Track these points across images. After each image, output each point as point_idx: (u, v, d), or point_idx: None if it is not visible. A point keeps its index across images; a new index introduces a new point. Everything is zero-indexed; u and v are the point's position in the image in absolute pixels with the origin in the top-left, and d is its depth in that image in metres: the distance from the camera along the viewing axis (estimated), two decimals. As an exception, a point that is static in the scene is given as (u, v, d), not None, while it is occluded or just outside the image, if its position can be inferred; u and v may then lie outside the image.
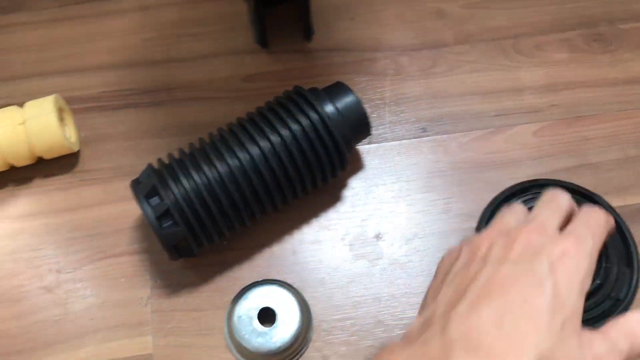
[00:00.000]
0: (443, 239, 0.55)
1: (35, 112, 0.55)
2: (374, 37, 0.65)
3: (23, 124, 0.54)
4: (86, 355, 0.52)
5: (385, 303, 0.53)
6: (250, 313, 0.51)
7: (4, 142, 0.54)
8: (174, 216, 0.48)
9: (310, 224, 0.56)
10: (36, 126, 0.54)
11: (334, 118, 0.51)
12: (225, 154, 0.49)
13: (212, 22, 0.66)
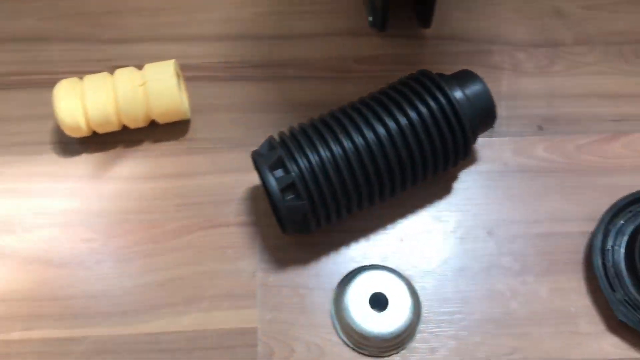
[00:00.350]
0: (558, 240, 0.53)
1: (155, 75, 0.54)
2: (490, 30, 0.63)
3: (143, 85, 0.54)
4: (189, 322, 0.51)
5: (495, 301, 0.51)
6: (362, 297, 0.50)
7: (122, 101, 0.54)
8: (299, 190, 0.47)
9: (420, 213, 0.55)
10: (156, 89, 0.54)
11: (463, 104, 0.50)
12: (352, 131, 0.48)
13: (325, 1, 0.65)
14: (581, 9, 0.64)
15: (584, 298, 0.52)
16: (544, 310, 0.51)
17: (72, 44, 0.64)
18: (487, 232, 0.54)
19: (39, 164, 0.58)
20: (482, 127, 0.53)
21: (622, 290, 0.50)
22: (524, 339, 0.50)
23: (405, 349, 0.50)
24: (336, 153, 0.48)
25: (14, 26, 0.65)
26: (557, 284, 0.52)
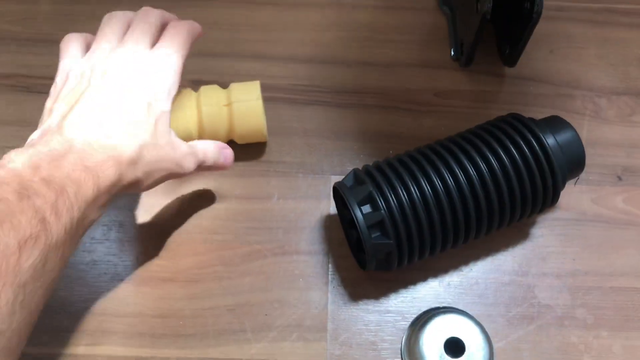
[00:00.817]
0: (634, 296, 0.53)
1: (241, 96, 0.54)
2: (572, 74, 0.63)
3: (229, 105, 0.54)
4: (257, 350, 0.51)
5: (568, 355, 0.51)
6: (437, 340, 0.49)
7: (207, 120, 0.53)
8: (387, 228, 0.46)
9: (496, 256, 0.55)
10: (241, 110, 0.54)
11: (555, 151, 0.49)
12: (444, 171, 0.48)
13: (408, 31, 0.65)
14: (666, 59, 0.64)
15: (660, 358, 0.51)
16: (618, 367, 0.50)
17: (148, 53, 0.63)
18: (562, 282, 0.53)
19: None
20: (571, 174, 0.52)
21: (702, 355, 0.49)
22: (596, 395, 0.50)
23: (476, 396, 0.49)
24: (427, 192, 0.47)
25: (93, 29, 0.64)
26: (632, 340, 0.51)
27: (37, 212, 0.36)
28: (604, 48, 0.64)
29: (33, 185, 0.37)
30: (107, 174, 0.41)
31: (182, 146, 0.46)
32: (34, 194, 0.37)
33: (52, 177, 0.38)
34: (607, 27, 0.65)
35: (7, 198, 0.36)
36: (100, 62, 0.45)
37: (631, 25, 0.66)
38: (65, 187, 0.38)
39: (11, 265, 0.34)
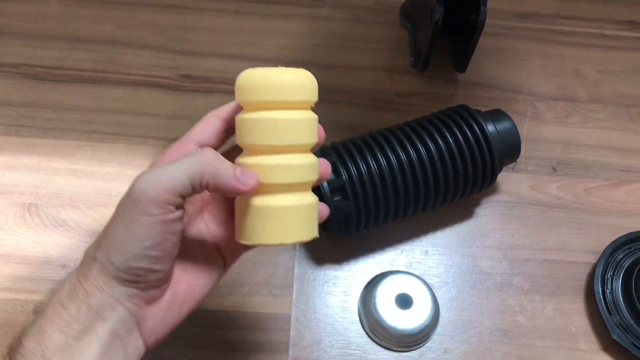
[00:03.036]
0: (564, 267, 0.60)
1: None
2: (516, 81, 0.72)
3: None
4: (231, 303, 0.57)
5: (505, 315, 0.58)
6: (389, 295, 0.56)
7: None
8: (347, 192, 0.54)
9: (444, 231, 0.62)
10: None
11: (494, 137, 0.57)
12: (398, 148, 0.56)
13: (374, 41, 0.74)
14: (597, 72, 0.73)
15: (584, 319, 0.58)
16: (548, 326, 0.57)
17: (145, 51, 0.71)
18: (502, 253, 0.61)
19: (108, 150, 0.64)
20: (508, 159, 0.60)
21: (618, 315, 0.56)
22: (528, 349, 0.56)
23: (423, 346, 0.56)
24: (382, 165, 0.55)
25: (94, 29, 0.72)
26: (561, 305, 0.59)
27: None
28: (545, 61, 0.74)
29: None
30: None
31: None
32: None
33: None
34: (548, 44, 0.75)
35: None
36: None
37: (568, 43, 0.76)
38: None
39: None
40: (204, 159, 0.37)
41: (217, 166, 0.37)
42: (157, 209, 0.36)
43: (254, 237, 0.39)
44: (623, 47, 0.76)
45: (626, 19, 0.78)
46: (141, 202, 0.36)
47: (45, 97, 0.67)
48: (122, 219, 0.36)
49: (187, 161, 0.37)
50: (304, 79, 0.40)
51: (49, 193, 0.61)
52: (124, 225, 0.36)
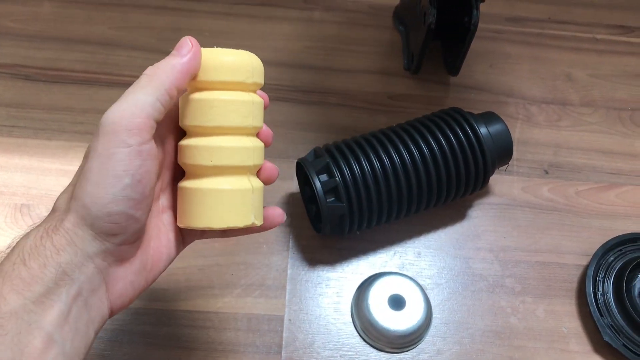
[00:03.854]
0: (556, 269, 0.61)
1: None
2: (508, 84, 0.72)
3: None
4: (223, 304, 0.57)
5: (497, 316, 0.58)
6: (381, 296, 0.56)
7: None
8: (340, 194, 0.54)
9: (437, 233, 0.62)
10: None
11: (487, 139, 0.58)
12: (391, 151, 0.56)
13: (368, 44, 0.74)
14: (588, 76, 0.74)
15: (575, 321, 0.58)
16: (539, 328, 0.58)
17: (138, 52, 0.71)
18: (494, 255, 0.61)
19: (100, 151, 0.64)
20: (500, 161, 0.61)
21: (610, 316, 0.57)
22: (520, 350, 0.57)
23: (415, 347, 0.56)
24: (376, 167, 0.55)
25: (87, 30, 0.72)
26: (552, 306, 0.59)
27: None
28: (536, 65, 0.74)
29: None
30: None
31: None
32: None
33: None
34: (539, 48, 0.76)
35: None
36: None
37: (559, 47, 0.76)
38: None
39: None
40: (159, 76, 0.37)
41: (168, 71, 0.37)
42: (133, 138, 0.34)
43: (185, 219, 0.39)
44: (614, 51, 0.77)
45: (617, 23, 0.79)
46: (116, 133, 0.34)
47: (38, 97, 0.67)
48: (97, 159, 0.34)
49: (147, 83, 0.36)
50: (245, 60, 0.40)
51: (41, 194, 0.61)
52: (99, 164, 0.34)
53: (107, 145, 0.34)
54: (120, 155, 0.34)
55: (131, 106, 0.35)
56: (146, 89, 0.36)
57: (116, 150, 0.34)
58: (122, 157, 0.34)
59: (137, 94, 0.36)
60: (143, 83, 0.36)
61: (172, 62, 0.37)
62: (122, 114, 0.35)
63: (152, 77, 0.37)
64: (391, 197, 0.56)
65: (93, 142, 0.35)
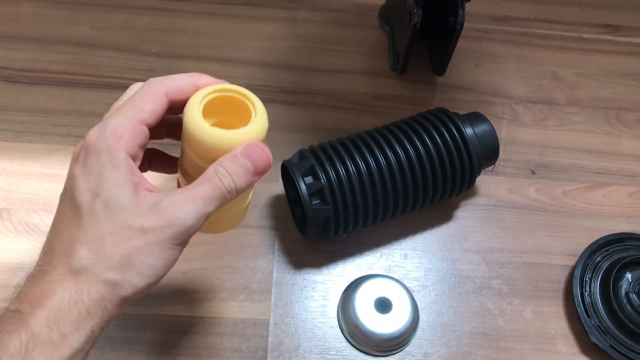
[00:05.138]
0: (543, 270, 0.60)
1: None
2: (494, 84, 0.72)
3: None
4: (207, 310, 0.56)
5: (484, 318, 0.58)
6: (368, 299, 0.56)
7: None
8: (325, 196, 0.53)
9: (423, 234, 0.62)
10: None
11: (472, 140, 0.57)
12: (377, 152, 0.55)
13: (353, 44, 0.74)
14: (574, 75, 0.74)
15: (562, 322, 0.58)
16: (527, 329, 0.57)
17: (120, 53, 0.70)
18: (481, 256, 0.61)
19: (82, 154, 0.63)
20: (486, 162, 0.60)
21: (597, 317, 0.57)
22: (507, 352, 0.56)
23: (402, 351, 0.56)
24: (361, 168, 0.54)
25: (69, 31, 0.71)
26: (540, 307, 0.59)
27: None
28: (522, 64, 0.74)
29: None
30: (50, 304, 0.34)
31: (155, 203, 0.36)
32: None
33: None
34: (525, 47, 0.76)
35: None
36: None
37: (545, 46, 0.76)
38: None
39: None
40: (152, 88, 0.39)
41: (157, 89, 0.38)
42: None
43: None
44: (600, 50, 0.77)
45: (603, 22, 0.79)
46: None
47: (18, 99, 0.65)
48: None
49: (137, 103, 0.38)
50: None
51: (22, 198, 0.60)
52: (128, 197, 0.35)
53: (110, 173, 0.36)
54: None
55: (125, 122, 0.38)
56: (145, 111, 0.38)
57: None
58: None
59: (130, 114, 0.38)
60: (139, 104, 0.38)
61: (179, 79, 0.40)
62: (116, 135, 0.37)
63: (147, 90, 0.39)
64: (377, 199, 0.55)
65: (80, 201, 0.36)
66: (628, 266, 0.58)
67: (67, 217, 0.36)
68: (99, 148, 0.36)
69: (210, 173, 0.36)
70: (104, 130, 0.36)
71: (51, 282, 0.34)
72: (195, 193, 0.36)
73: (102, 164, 0.35)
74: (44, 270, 0.35)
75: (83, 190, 0.35)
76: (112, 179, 0.35)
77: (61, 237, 0.36)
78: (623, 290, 0.57)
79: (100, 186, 0.35)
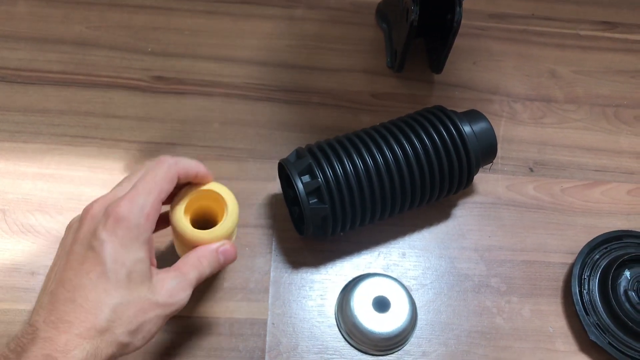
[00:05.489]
0: (541, 268, 0.60)
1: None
2: (492, 82, 0.72)
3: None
4: (205, 309, 0.56)
5: (483, 316, 0.58)
6: (366, 298, 0.55)
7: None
8: (323, 195, 0.53)
9: (421, 233, 0.62)
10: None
11: (470, 138, 0.57)
12: (374, 150, 0.55)
13: (350, 42, 0.73)
14: (572, 73, 0.74)
15: (561, 320, 0.58)
16: (525, 327, 0.57)
17: (116, 52, 0.70)
18: (479, 255, 0.60)
19: (78, 154, 0.62)
20: (484, 160, 0.60)
21: (596, 315, 0.56)
22: (505, 351, 0.56)
23: (400, 350, 0.56)
24: (359, 167, 0.54)
25: (64, 30, 0.71)
26: (538, 305, 0.58)
27: None
28: (520, 61, 0.74)
29: None
30: (75, 354, 0.38)
31: (166, 283, 0.43)
32: None
33: None
34: (523, 44, 0.75)
35: None
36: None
37: (543, 44, 0.76)
38: None
39: None
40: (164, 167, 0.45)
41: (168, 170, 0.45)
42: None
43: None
44: (598, 48, 0.76)
45: (600, 19, 0.79)
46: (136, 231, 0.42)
47: (13, 99, 0.65)
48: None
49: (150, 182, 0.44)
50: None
51: (17, 198, 0.59)
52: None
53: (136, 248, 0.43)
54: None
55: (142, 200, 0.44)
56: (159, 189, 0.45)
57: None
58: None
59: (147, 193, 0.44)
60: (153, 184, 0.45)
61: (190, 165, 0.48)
62: (139, 212, 0.44)
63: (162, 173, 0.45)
64: (374, 198, 0.55)
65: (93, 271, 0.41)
66: (627, 264, 0.58)
67: (92, 276, 0.40)
68: (131, 224, 0.41)
69: (195, 262, 0.46)
70: (134, 206, 0.42)
71: (78, 335, 0.38)
72: (189, 279, 0.44)
73: (131, 240, 0.41)
74: (67, 321, 0.39)
75: (112, 258, 0.40)
76: (137, 255, 0.41)
77: (85, 292, 0.40)
78: (622, 287, 0.57)
79: (127, 259, 0.41)
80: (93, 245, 0.41)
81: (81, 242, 0.42)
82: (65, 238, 0.45)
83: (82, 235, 0.42)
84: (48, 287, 0.42)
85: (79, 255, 0.41)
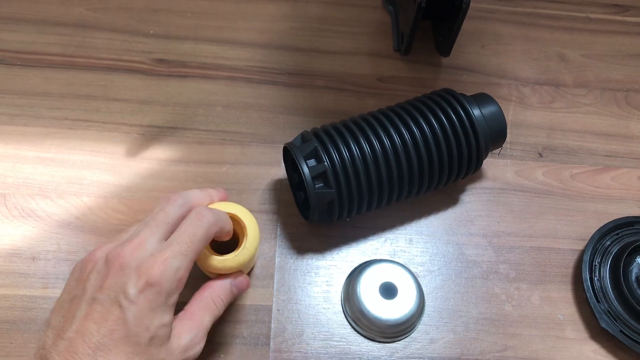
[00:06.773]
0: (551, 254, 0.59)
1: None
2: (500, 66, 0.70)
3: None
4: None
5: (491, 303, 0.57)
6: (372, 285, 0.54)
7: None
8: (329, 179, 0.52)
9: (429, 219, 0.61)
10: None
11: (480, 121, 0.56)
12: (381, 134, 0.54)
13: (356, 25, 0.72)
14: (582, 57, 0.72)
15: (571, 307, 0.57)
16: (535, 315, 0.56)
17: (117, 34, 0.68)
18: (488, 241, 0.59)
19: (79, 137, 0.61)
20: (494, 144, 0.59)
21: (606, 302, 0.55)
22: (515, 338, 0.55)
23: (408, 337, 0.55)
24: (365, 151, 0.53)
25: (64, 12, 0.69)
26: (548, 292, 0.57)
27: None
28: (528, 45, 0.72)
29: None
30: None
31: (182, 340, 0.43)
32: None
33: None
34: (531, 28, 0.74)
35: None
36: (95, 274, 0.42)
37: (552, 27, 0.74)
38: None
39: None
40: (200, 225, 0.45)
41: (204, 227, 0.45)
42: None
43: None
44: (607, 31, 0.75)
45: (610, 2, 0.77)
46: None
47: (12, 82, 0.64)
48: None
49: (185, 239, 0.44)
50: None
51: (17, 182, 0.58)
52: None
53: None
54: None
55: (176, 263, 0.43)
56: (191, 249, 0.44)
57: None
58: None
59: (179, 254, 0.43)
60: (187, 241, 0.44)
61: (221, 221, 0.47)
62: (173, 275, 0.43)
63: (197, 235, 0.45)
64: (382, 182, 0.54)
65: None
66: (638, 250, 0.57)
67: (115, 336, 0.39)
68: (162, 289, 0.41)
69: (210, 304, 0.46)
70: (168, 270, 0.41)
71: None
72: (204, 327, 0.45)
73: (159, 305, 0.41)
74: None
75: (138, 321, 0.40)
76: (162, 320, 0.41)
77: (106, 354, 0.39)
78: (633, 274, 0.56)
79: (152, 324, 0.40)
80: (120, 302, 0.40)
81: (107, 294, 0.40)
82: (81, 278, 0.43)
83: (109, 286, 0.40)
84: (65, 330, 0.40)
85: (103, 308, 0.40)
